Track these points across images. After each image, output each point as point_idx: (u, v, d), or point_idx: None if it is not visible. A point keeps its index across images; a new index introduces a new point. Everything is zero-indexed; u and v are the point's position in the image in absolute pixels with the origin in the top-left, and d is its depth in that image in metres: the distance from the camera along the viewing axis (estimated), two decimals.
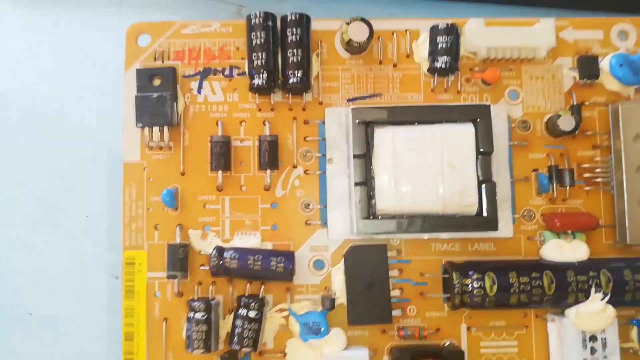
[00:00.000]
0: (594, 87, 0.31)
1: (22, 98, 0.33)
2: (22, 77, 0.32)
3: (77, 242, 0.33)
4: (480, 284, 0.28)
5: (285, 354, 0.29)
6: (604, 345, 0.28)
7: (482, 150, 0.29)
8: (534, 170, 0.31)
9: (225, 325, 0.29)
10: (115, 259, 0.31)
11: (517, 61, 0.31)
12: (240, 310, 0.28)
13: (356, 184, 0.28)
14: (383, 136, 0.28)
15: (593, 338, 0.28)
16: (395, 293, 0.30)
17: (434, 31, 0.30)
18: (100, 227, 0.33)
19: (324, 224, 0.30)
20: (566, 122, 0.30)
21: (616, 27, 0.32)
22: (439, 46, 0.30)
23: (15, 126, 0.33)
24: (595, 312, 0.28)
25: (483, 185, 0.28)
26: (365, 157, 0.28)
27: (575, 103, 0.31)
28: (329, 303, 0.29)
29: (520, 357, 0.30)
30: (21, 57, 0.33)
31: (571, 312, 0.29)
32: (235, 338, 0.28)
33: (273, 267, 0.28)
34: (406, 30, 0.31)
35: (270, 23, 0.29)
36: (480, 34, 0.30)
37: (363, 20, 0.29)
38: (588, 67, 0.31)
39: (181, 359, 0.29)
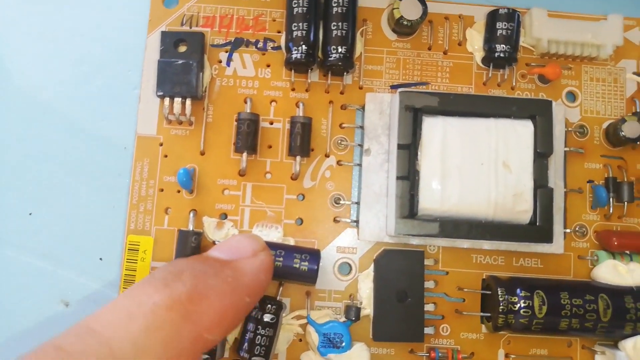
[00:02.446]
0: None
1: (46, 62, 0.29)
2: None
3: None
4: (528, 304, 0.25)
5: None
6: None
7: (539, 151, 0.25)
8: (588, 182, 0.28)
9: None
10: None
11: (578, 59, 0.28)
12: (253, 312, 0.25)
13: (398, 178, 0.25)
14: (433, 126, 0.25)
15: None
16: (429, 308, 0.26)
17: (493, 17, 0.27)
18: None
19: (355, 222, 0.27)
20: (632, 129, 0.27)
21: None
22: (498, 33, 0.27)
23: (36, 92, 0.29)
24: None
25: (538, 191, 0.25)
26: (410, 148, 0.25)
27: (639, 110, 0.28)
28: (354, 313, 0.26)
29: None
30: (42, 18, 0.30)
31: (627, 344, 0.25)
32: (245, 345, 0.24)
33: (296, 266, 0.25)
34: (459, 15, 0.28)
35: None
36: (543, 25, 0.27)
37: None
38: None
39: None
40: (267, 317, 0.24)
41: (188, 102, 0.26)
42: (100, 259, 0.27)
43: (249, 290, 0.20)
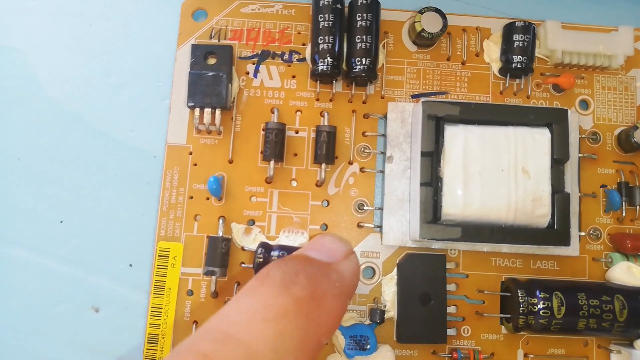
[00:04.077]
0: None
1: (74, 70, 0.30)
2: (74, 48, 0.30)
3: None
4: (547, 304, 0.26)
5: None
6: None
7: (556, 157, 0.26)
8: (602, 186, 0.29)
9: None
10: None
11: (590, 69, 0.30)
12: None
13: (422, 185, 0.26)
14: (454, 134, 0.26)
15: None
16: (450, 310, 0.27)
17: (510, 29, 0.28)
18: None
19: (378, 227, 0.27)
20: None
21: None
22: (515, 45, 0.28)
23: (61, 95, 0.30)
24: None
25: (556, 196, 0.26)
26: (433, 155, 0.26)
27: None
28: (379, 316, 0.26)
29: None
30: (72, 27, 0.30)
31: None
32: None
33: None
34: (477, 28, 0.29)
35: (339, 6, 0.27)
36: (557, 37, 0.28)
37: (437, 10, 0.27)
38: None
39: None
40: None
41: (217, 112, 0.27)
42: (130, 265, 0.28)
43: (350, 293, 0.20)
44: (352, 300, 0.27)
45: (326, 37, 0.26)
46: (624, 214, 0.28)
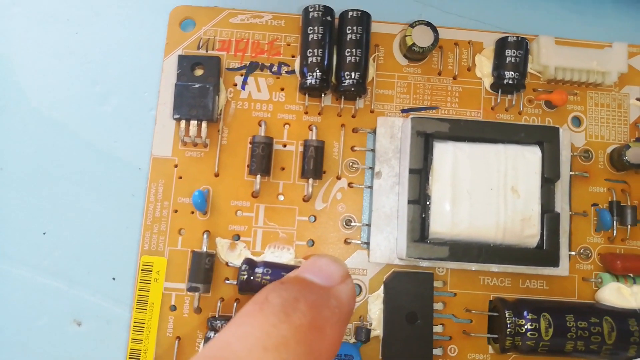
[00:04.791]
0: None
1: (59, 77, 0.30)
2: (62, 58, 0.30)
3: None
4: (535, 326, 0.25)
5: None
6: None
7: (546, 176, 0.26)
8: (593, 205, 0.28)
9: None
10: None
11: (583, 86, 0.29)
12: None
13: (409, 202, 0.25)
14: (444, 151, 0.26)
15: None
16: (437, 329, 0.27)
17: (502, 44, 0.28)
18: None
19: (365, 244, 0.27)
20: (636, 155, 0.28)
21: None
22: (507, 60, 0.27)
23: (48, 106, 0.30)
24: None
25: (545, 216, 0.26)
26: (421, 172, 0.26)
27: None
28: (364, 334, 0.26)
29: None
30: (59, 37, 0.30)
31: None
32: None
33: None
34: (469, 42, 0.29)
35: (329, 18, 0.26)
36: (550, 52, 0.28)
37: (428, 24, 0.27)
38: None
39: None
40: None
41: (204, 124, 0.26)
42: (114, 278, 0.28)
43: (348, 318, 0.20)
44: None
45: (315, 50, 0.26)
46: (614, 234, 0.28)
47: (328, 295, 0.20)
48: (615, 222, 0.28)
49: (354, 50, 0.26)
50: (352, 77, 0.26)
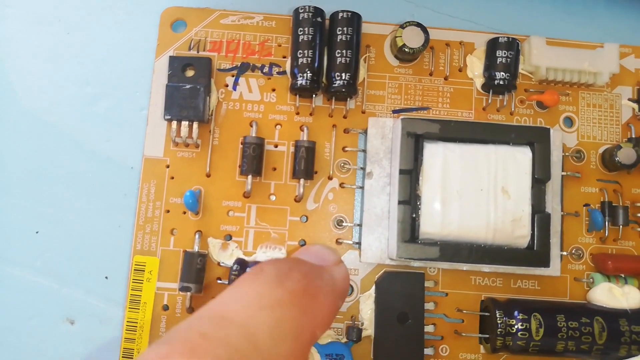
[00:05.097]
0: None
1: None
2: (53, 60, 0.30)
3: None
4: (526, 326, 0.25)
5: None
6: None
7: (537, 177, 0.26)
8: (585, 205, 0.28)
9: None
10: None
11: (575, 86, 0.29)
12: None
13: (400, 203, 0.25)
14: (434, 152, 0.26)
15: None
16: (428, 329, 0.27)
17: (494, 45, 0.28)
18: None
19: (357, 244, 0.27)
20: (627, 155, 0.28)
21: None
22: (498, 61, 0.27)
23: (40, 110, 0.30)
24: None
25: (536, 216, 0.26)
26: (411, 173, 0.26)
27: (633, 136, 0.29)
28: (356, 334, 0.26)
29: None
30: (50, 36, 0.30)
31: None
32: None
33: None
34: (460, 42, 0.29)
35: (319, 19, 0.27)
36: (541, 53, 0.28)
37: (419, 25, 0.27)
38: None
39: None
40: None
41: (195, 125, 0.26)
42: (106, 277, 0.28)
43: (342, 295, 0.21)
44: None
45: (306, 51, 0.26)
46: (606, 234, 0.28)
47: (322, 270, 0.20)
48: (607, 222, 0.28)
49: (344, 51, 0.26)
50: (343, 77, 0.26)
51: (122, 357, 0.26)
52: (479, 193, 0.26)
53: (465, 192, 0.26)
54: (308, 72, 0.26)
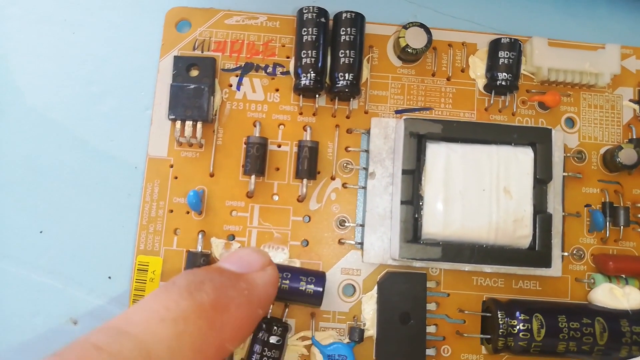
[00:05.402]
0: None
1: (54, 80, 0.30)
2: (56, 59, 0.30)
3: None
4: (527, 327, 0.26)
5: None
6: None
7: (539, 177, 0.26)
8: (586, 206, 0.29)
9: (239, 350, 0.26)
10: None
11: (577, 87, 0.29)
12: (260, 334, 0.25)
13: (402, 203, 0.26)
14: (436, 152, 0.26)
15: None
16: (430, 329, 0.27)
17: (496, 45, 0.28)
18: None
19: (359, 244, 0.27)
20: (628, 156, 0.28)
21: None
22: (500, 62, 0.28)
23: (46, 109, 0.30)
24: None
25: (538, 217, 0.26)
26: (414, 173, 0.26)
27: (634, 137, 0.29)
28: (358, 335, 0.26)
29: None
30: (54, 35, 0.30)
31: None
32: None
33: (302, 289, 0.25)
34: (463, 43, 0.29)
35: (323, 19, 0.27)
36: (543, 54, 0.28)
37: (422, 26, 0.27)
38: None
39: None
40: (273, 339, 0.25)
41: (199, 125, 0.27)
42: (109, 277, 0.28)
43: (261, 302, 0.21)
44: (331, 317, 0.27)
45: (309, 52, 0.26)
46: (607, 235, 0.28)
47: (238, 279, 0.20)
48: (608, 223, 0.28)
49: (348, 51, 0.26)
50: (346, 78, 0.26)
51: None
52: (481, 193, 0.26)
53: (467, 192, 0.26)
54: (311, 72, 0.26)
